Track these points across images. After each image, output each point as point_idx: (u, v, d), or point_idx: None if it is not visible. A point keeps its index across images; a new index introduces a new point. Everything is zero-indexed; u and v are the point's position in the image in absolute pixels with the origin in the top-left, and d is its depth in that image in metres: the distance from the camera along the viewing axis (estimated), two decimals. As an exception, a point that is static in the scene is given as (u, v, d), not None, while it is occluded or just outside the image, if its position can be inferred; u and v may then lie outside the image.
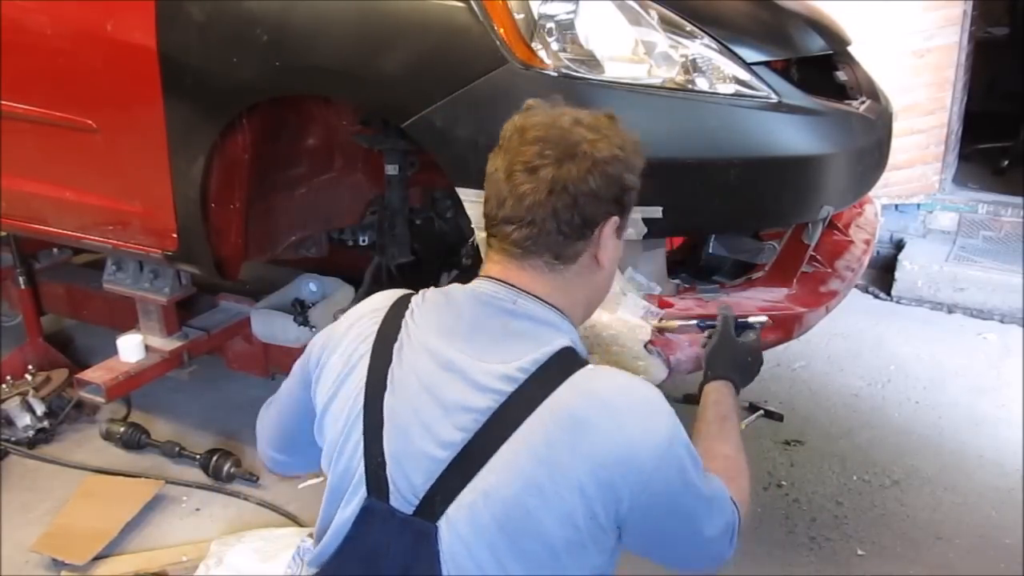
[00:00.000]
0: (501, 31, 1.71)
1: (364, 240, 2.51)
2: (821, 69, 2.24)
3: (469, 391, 1.13)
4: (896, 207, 4.36)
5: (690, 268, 2.21)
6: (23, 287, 3.13)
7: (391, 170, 2.25)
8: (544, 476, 1.08)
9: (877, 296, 4.11)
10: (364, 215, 2.50)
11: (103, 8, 2.10)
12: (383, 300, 1.28)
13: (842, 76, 2.28)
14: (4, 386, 2.95)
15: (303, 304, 2.68)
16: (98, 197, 2.33)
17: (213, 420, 2.97)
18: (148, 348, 2.70)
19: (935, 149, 4.20)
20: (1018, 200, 4.25)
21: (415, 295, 1.27)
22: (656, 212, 1.71)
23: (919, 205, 4.35)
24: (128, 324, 2.80)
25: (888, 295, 4.08)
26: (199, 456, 2.73)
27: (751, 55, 1.84)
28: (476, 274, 1.27)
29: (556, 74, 1.70)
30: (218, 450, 2.72)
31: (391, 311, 1.25)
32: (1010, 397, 3.17)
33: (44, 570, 2.35)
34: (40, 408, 2.91)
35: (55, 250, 3.25)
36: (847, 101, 2.17)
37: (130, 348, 2.66)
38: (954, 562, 2.39)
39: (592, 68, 1.72)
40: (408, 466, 1.13)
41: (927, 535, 2.48)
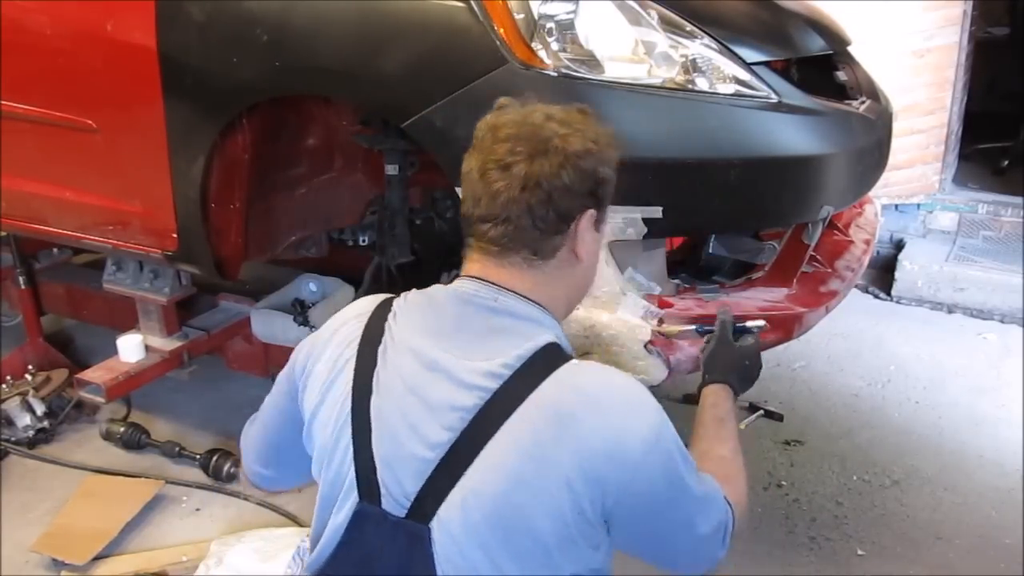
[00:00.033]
0: (501, 31, 1.70)
1: (364, 240, 2.51)
2: (821, 69, 2.24)
3: (454, 390, 1.12)
4: (896, 207, 4.36)
5: (690, 268, 2.21)
6: (23, 287, 3.13)
7: (391, 170, 2.25)
8: (531, 471, 1.08)
9: (877, 296, 4.11)
10: (364, 215, 2.50)
11: (103, 8, 2.10)
12: (366, 305, 1.27)
13: (842, 76, 2.28)
14: (4, 386, 2.95)
15: (303, 304, 2.67)
16: (98, 197, 2.33)
17: (213, 420, 2.97)
18: (148, 348, 2.70)
19: (935, 149, 4.20)
20: (1018, 200, 4.25)
21: (397, 298, 1.26)
22: (656, 212, 1.71)
23: (919, 205, 4.35)
24: (128, 324, 2.80)
25: (888, 295, 4.08)
26: (199, 456, 2.73)
27: (751, 55, 1.84)
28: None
29: (556, 74, 1.70)
30: (218, 450, 2.72)
31: (374, 315, 1.24)
32: (1010, 397, 3.17)
33: (44, 570, 2.35)
34: (40, 408, 2.91)
35: (55, 250, 3.25)
36: (847, 101, 2.17)
37: (130, 348, 2.66)
38: (954, 562, 2.39)
39: (592, 68, 1.72)
40: (398, 469, 1.13)
41: (927, 535, 2.48)
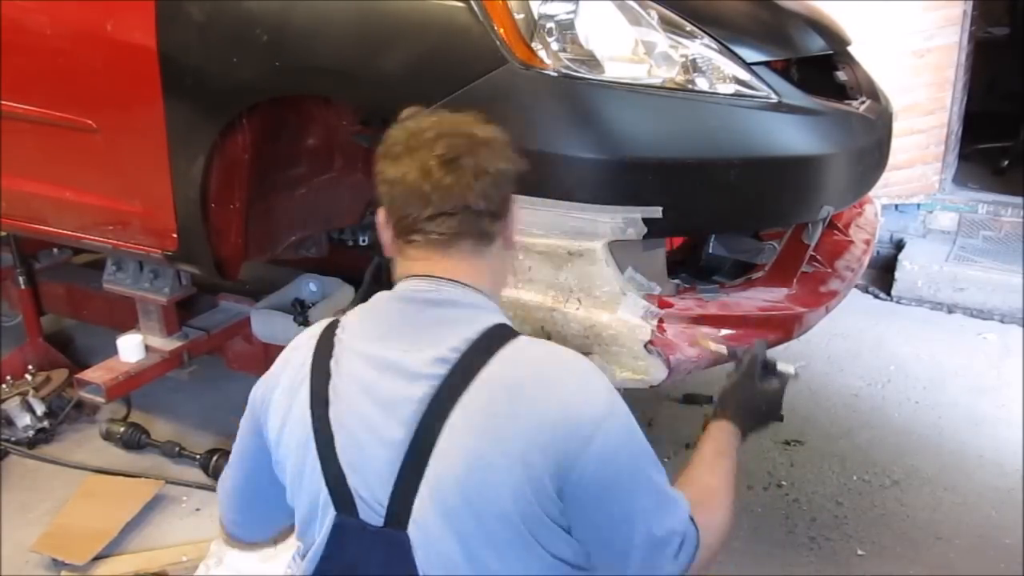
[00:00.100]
0: (501, 31, 1.70)
1: (364, 240, 2.51)
2: (821, 69, 2.24)
3: (406, 383, 1.13)
4: (896, 207, 4.35)
5: (690, 268, 2.20)
6: (23, 287, 3.13)
7: (391, 170, 2.24)
8: (488, 449, 1.08)
9: (877, 296, 4.11)
10: (364, 215, 2.50)
11: (103, 8, 2.10)
12: (314, 329, 1.28)
13: (842, 76, 2.27)
14: (4, 386, 2.96)
15: (303, 304, 2.68)
16: (98, 197, 2.33)
17: (213, 420, 2.97)
18: (148, 348, 2.70)
19: (935, 149, 4.20)
20: (1018, 200, 4.25)
21: (343, 316, 1.27)
22: (656, 212, 1.71)
23: (919, 205, 4.34)
24: (128, 324, 2.80)
25: (888, 295, 4.08)
26: (199, 456, 2.73)
27: (751, 55, 1.84)
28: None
29: (556, 74, 1.70)
30: (218, 450, 2.72)
31: (323, 335, 1.25)
32: (1010, 397, 3.17)
33: (44, 570, 2.35)
34: (40, 408, 2.91)
35: (55, 250, 3.25)
36: (847, 101, 2.16)
37: (130, 348, 2.66)
38: (954, 562, 2.39)
39: (592, 68, 1.72)
40: (367, 474, 1.13)
41: (927, 535, 2.48)
